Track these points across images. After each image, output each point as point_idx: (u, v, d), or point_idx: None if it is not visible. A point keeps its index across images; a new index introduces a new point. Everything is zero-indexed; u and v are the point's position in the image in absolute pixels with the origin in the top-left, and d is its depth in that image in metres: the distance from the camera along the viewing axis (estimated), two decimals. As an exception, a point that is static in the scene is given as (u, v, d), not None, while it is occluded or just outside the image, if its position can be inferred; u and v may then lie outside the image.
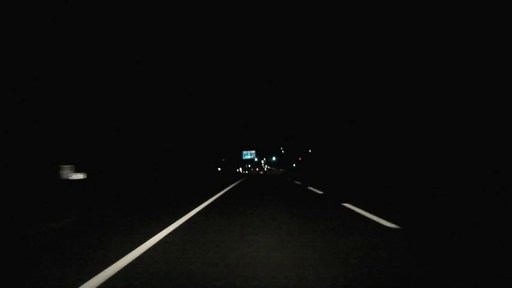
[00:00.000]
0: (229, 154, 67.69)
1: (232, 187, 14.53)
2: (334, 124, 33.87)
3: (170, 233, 4.21)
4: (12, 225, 5.04)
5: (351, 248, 3.25)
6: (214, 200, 8.63)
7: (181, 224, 4.82)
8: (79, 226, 4.83)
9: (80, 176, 15.48)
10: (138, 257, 3.07)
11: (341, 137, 31.23)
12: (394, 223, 4.46)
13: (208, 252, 3.21)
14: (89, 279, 2.47)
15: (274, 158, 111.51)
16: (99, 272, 2.60)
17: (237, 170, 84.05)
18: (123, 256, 3.06)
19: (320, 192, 10.44)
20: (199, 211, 6.29)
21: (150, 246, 3.47)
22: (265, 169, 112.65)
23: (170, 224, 4.74)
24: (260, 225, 4.67)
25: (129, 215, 5.84)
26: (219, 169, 57.18)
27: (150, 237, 3.87)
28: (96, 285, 2.37)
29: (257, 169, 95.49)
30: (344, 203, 7.04)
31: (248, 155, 74.96)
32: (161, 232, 4.19)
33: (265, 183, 18.20)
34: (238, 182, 20.69)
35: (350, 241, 3.57)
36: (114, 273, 2.61)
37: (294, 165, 75.10)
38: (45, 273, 2.66)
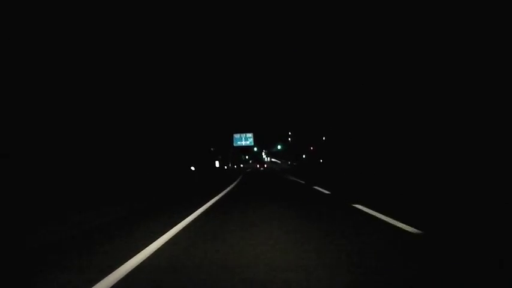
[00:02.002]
0: (217, 142, 46.77)
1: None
2: (356, 105, 26.72)
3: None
4: None
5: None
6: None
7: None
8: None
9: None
10: None
11: (365, 121, 24.85)
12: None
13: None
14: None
15: (279, 147, 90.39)
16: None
17: (194, 169, 34.50)
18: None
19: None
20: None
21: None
22: (266, 163, 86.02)
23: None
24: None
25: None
26: None
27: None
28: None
29: (257, 165, 68.09)
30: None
31: (242, 139, 47.04)
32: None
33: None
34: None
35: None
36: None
37: (304, 156, 63.85)
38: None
